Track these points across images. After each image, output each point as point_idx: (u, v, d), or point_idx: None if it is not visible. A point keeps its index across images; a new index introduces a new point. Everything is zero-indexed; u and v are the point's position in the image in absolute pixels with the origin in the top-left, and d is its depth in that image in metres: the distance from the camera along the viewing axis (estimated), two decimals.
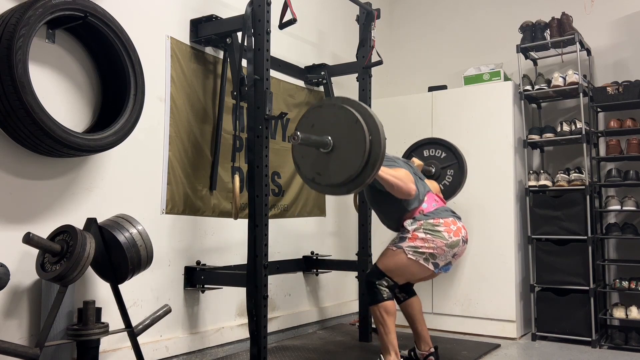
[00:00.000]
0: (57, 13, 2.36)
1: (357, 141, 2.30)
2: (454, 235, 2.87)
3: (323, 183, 2.44)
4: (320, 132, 2.41)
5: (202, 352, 3.22)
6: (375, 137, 2.30)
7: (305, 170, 2.48)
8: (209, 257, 3.32)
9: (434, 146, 3.74)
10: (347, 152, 2.34)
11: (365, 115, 2.33)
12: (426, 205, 2.94)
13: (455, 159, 3.66)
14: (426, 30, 5.24)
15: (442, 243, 2.84)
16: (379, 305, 2.87)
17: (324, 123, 2.41)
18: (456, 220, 2.95)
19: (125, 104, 2.65)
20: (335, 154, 2.37)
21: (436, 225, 2.86)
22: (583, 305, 3.80)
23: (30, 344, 2.37)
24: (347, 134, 2.34)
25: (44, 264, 2.26)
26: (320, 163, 2.41)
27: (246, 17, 2.90)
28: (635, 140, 3.92)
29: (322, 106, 2.45)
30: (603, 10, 4.37)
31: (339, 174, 2.38)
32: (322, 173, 2.41)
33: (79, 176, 2.65)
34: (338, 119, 2.37)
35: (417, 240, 2.84)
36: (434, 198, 3.02)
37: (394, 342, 2.89)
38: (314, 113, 2.47)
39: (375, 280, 2.91)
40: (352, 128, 2.32)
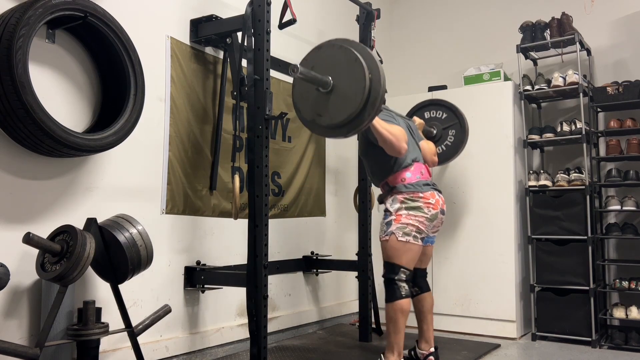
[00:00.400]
0: (57, 13, 2.36)
1: (357, 79, 2.30)
2: (433, 208, 2.92)
3: (323, 124, 2.44)
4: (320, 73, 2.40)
5: (202, 352, 3.22)
6: (375, 75, 2.30)
7: (305, 112, 2.47)
8: (209, 257, 3.32)
9: (435, 107, 3.75)
10: (347, 90, 2.33)
11: (364, 54, 2.33)
12: (410, 175, 2.95)
13: (456, 119, 3.68)
14: (426, 30, 5.24)
15: (424, 218, 2.90)
16: (395, 303, 2.86)
17: (323, 64, 2.41)
18: (435, 193, 2.97)
19: (125, 104, 2.65)
20: (335, 93, 2.36)
21: (415, 201, 2.89)
22: (583, 305, 3.80)
23: (30, 344, 2.37)
24: (346, 73, 2.33)
25: (44, 264, 2.26)
26: (320, 104, 2.40)
27: (246, 17, 2.90)
28: (635, 140, 3.92)
29: (322, 47, 2.45)
30: (603, 10, 4.37)
31: (339, 114, 2.37)
32: (322, 114, 2.41)
33: (79, 176, 2.65)
34: (337, 59, 2.36)
35: (402, 219, 2.88)
36: (420, 170, 3.01)
37: (401, 343, 2.88)
38: (313, 55, 2.46)
39: (394, 277, 2.89)
40: (352, 66, 2.31)
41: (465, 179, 4.19)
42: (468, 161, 4.18)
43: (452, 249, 4.19)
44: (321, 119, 2.42)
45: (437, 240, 4.18)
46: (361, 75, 2.30)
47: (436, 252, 4.21)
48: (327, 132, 2.55)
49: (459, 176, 4.23)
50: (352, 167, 4.30)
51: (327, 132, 2.55)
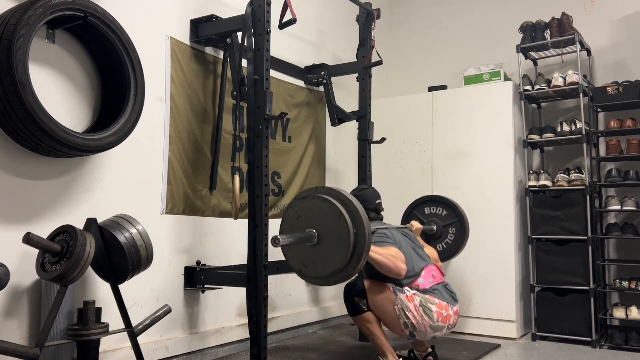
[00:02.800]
0: (57, 13, 2.36)
1: (341, 235, 2.25)
2: (442, 321, 2.87)
3: (310, 275, 2.40)
4: (306, 223, 2.35)
5: (202, 352, 3.22)
6: (360, 230, 2.25)
7: (292, 262, 2.44)
8: (209, 257, 3.32)
9: (434, 204, 3.72)
10: (332, 245, 2.29)
11: (349, 207, 2.27)
12: (422, 281, 2.93)
13: (456, 217, 3.64)
14: (426, 30, 5.24)
15: (428, 323, 2.84)
16: (360, 317, 2.92)
17: (308, 214, 2.35)
18: (449, 306, 2.92)
19: (125, 104, 2.65)
20: (320, 246, 2.32)
21: (431, 303, 2.86)
22: (583, 305, 3.80)
23: (30, 344, 2.37)
24: (331, 227, 2.29)
25: (44, 264, 2.26)
26: (306, 255, 2.36)
27: (246, 17, 2.90)
28: (635, 140, 3.92)
29: (307, 197, 2.39)
30: (603, 10, 4.37)
31: (324, 267, 2.33)
32: (309, 265, 2.36)
33: (79, 176, 2.65)
34: (322, 211, 2.31)
35: (412, 304, 2.84)
36: (431, 273, 2.99)
37: (386, 343, 2.92)
38: (298, 204, 2.40)
39: (355, 296, 2.92)
40: (336, 221, 2.27)
41: (465, 179, 4.20)
42: (468, 161, 4.19)
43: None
44: (307, 270, 2.39)
45: None
46: (345, 232, 2.25)
47: None
48: (315, 282, 2.53)
49: (459, 176, 4.23)
50: (352, 167, 4.29)
51: (315, 282, 2.53)
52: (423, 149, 4.42)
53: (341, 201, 2.30)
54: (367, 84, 3.90)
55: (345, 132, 4.42)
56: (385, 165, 4.55)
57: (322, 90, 4.25)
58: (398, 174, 4.51)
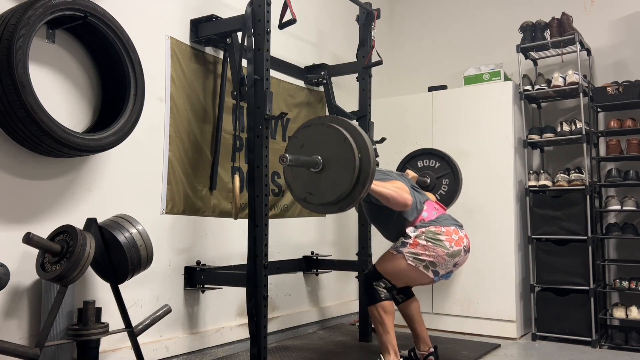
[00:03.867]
0: (57, 13, 2.36)
1: (346, 159, 2.29)
2: (455, 244, 2.85)
3: (315, 202, 2.43)
4: (310, 151, 2.39)
5: (202, 352, 3.22)
6: (365, 155, 2.28)
7: (297, 191, 2.47)
8: (209, 257, 3.32)
9: (427, 156, 3.73)
10: (337, 170, 2.32)
11: (353, 133, 2.31)
12: (426, 214, 2.93)
13: (449, 168, 3.64)
14: (426, 30, 5.24)
15: (443, 252, 2.82)
16: (377, 305, 2.88)
17: (313, 142, 2.40)
18: (458, 229, 2.92)
19: (125, 104, 2.65)
20: (325, 173, 2.35)
21: (438, 234, 2.84)
22: (583, 305, 3.80)
23: (30, 344, 2.37)
24: (336, 153, 2.33)
25: (44, 264, 2.26)
26: (311, 183, 2.39)
27: (246, 17, 2.90)
28: (635, 140, 3.92)
29: (311, 125, 2.43)
30: (603, 10, 4.37)
31: (330, 193, 2.37)
32: (314, 192, 2.40)
33: (79, 176, 2.65)
34: (327, 138, 2.36)
35: (418, 247, 2.83)
36: (433, 206, 3.00)
37: (393, 341, 2.90)
38: (302, 133, 2.45)
39: (372, 282, 2.92)
40: (341, 146, 2.31)
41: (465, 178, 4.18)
42: (468, 161, 4.18)
43: None
44: (312, 198, 2.42)
45: None
46: (350, 156, 2.28)
47: None
48: (320, 209, 2.54)
49: None
50: None
51: (320, 209, 2.54)
52: None
53: (346, 128, 2.33)
54: (367, 84, 3.90)
55: None
56: (386, 166, 4.53)
57: (322, 90, 4.25)
58: None
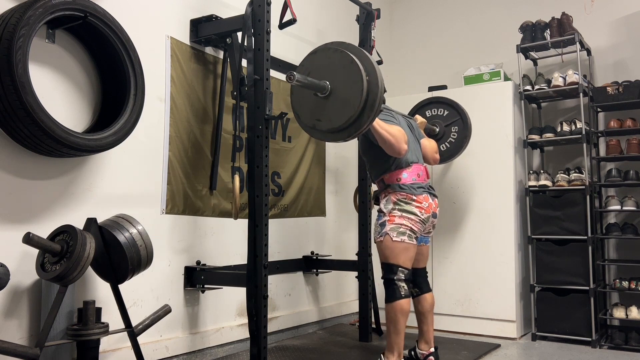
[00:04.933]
0: (57, 13, 2.36)
1: (354, 82, 2.27)
2: (425, 212, 2.93)
3: (323, 129, 2.42)
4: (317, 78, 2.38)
5: (202, 352, 3.22)
6: (372, 77, 2.27)
7: (305, 118, 2.45)
8: (209, 257, 3.32)
9: (436, 105, 3.75)
10: (345, 93, 2.30)
11: (360, 56, 2.31)
12: (406, 175, 2.95)
13: (458, 115, 3.66)
14: (426, 30, 5.24)
15: (417, 219, 2.90)
16: (395, 303, 2.86)
17: (319, 69, 2.38)
18: (428, 196, 2.97)
19: (125, 104, 2.65)
20: (333, 97, 2.34)
21: (408, 203, 2.90)
22: (583, 305, 3.80)
23: (30, 344, 2.37)
24: (343, 76, 2.31)
25: (44, 264, 2.26)
26: (319, 109, 2.38)
27: (246, 17, 2.90)
28: (635, 140, 3.92)
29: (317, 52, 2.42)
30: (603, 10, 4.37)
31: (338, 117, 2.35)
32: (322, 118, 2.39)
33: (79, 176, 2.65)
34: (334, 62, 2.33)
35: (396, 219, 2.89)
36: (417, 172, 3.00)
37: (401, 343, 2.88)
38: (308, 60, 2.43)
39: (393, 277, 2.88)
40: (348, 69, 2.29)
41: (465, 179, 4.19)
42: (468, 161, 4.18)
43: (452, 249, 4.19)
44: (321, 124, 2.41)
45: (437, 240, 4.19)
46: (358, 78, 2.28)
47: (436, 252, 4.21)
48: (327, 137, 2.54)
49: (459, 176, 4.23)
50: (352, 167, 4.30)
51: (327, 137, 2.54)
52: None
53: (352, 51, 2.33)
54: None
55: None
56: None
57: None
58: None
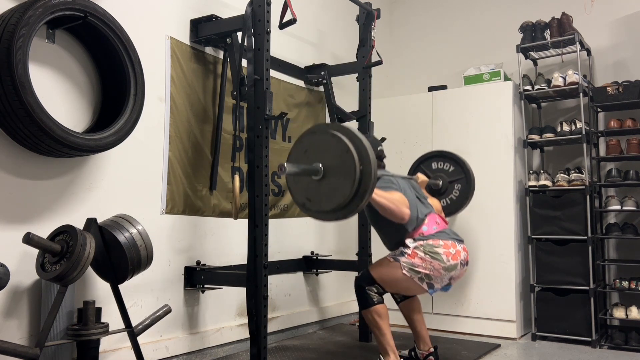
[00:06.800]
0: (57, 13, 2.36)
1: (347, 172, 2.27)
2: (452, 258, 2.85)
3: (313, 209, 2.42)
4: (313, 158, 2.37)
5: (202, 352, 3.22)
6: (367, 168, 2.26)
7: (296, 195, 2.45)
8: (209, 257, 3.32)
9: (442, 159, 3.70)
10: (338, 180, 2.31)
11: (357, 144, 2.29)
12: (426, 228, 2.92)
13: (463, 173, 3.63)
14: (426, 30, 5.24)
15: (440, 266, 2.82)
16: (370, 309, 2.89)
17: (317, 149, 2.37)
18: (456, 243, 2.91)
19: (125, 104, 2.65)
20: (326, 181, 2.33)
21: (435, 247, 2.84)
22: (583, 305, 3.80)
23: (30, 344, 2.37)
24: (338, 162, 2.30)
25: (44, 264, 2.26)
26: (311, 189, 2.37)
27: (246, 17, 2.90)
28: (635, 140, 3.92)
29: (316, 132, 2.41)
30: (603, 10, 4.37)
31: (327, 202, 2.35)
32: (312, 199, 2.38)
33: (79, 176, 2.65)
34: (330, 147, 2.33)
35: (416, 259, 2.83)
36: (435, 220, 2.99)
37: (391, 342, 2.90)
38: (307, 139, 2.42)
39: (365, 286, 2.92)
40: (343, 157, 2.28)
41: None
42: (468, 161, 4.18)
43: None
44: (311, 204, 2.40)
45: None
46: (352, 168, 2.26)
47: None
48: (317, 216, 2.54)
49: None
50: None
51: (317, 216, 2.54)
52: (423, 149, 4.41)
53: (350, 139, 2.32)
54: (367, 84, 3.90)
55: None
56: (388, 166, 4.54)
57: (322, 90, 4.25)
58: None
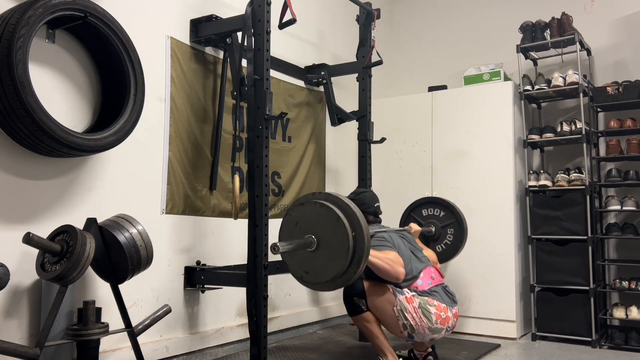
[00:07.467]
0: (57, 13, 2.36)
1: (340, 240, 2.26)
2: (441, 323, 2.87)
3: (311, 281, 2.41)
4: (305, 229, 2.35)
5: (202, 352, 3.22)
6: (359, 233, 2.26)
7: (293, 269, 2.44)
8: (209, 257, 3.32)
9: (432, 205, 3.72)
10: (332, 250, 2.30)
11: (347, 211, 2.28)
12: (421, 283, 2.93)
13: (453, 217, 3.64)
14: (426, 30, 5.24)
15: (427, 325, 2.85)
16: (360, 316, 2.93)
17: (307, 220, 2.36)
18: (448, 309, 2.92)
19: (125, 104, 2.65)
20: (320, 252, 2.32)
21: (430, 305, 2.87)
22: (583, 305, 3.80)
23: (30, 344, 2.37)
24: (330, 232, 2.29)
25: (44, 264, 2.26)
26: (306, 261, 2.36)
27: (246, 17, 2.90)
28: (635, 140, 3.92)
29: (304, 204, 2.39)
30: (603, 10, 4.37)
31: (325, 272, 2.34)
32: (310, 271, 2.37)
33: (79, 176, 2.65)
34: (320, 217, 2.32)
35: (411, 306, 2.85)
36: (430, 275, 2.99)
37: (386, 343, 2.93)
38: (296, 211, 2.40)
39: (354, 297, 2.95)
40: (334, 226, 2.27)
41: (465, 178, 4.20)
42: (468, 161, 4.19)
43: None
44: (309, 277, 2.39)
45: None
46: (344, 236, 2.25)
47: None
48: (316, 287, 2.52)
49: (458, 176, 4.23)
50: (352, 167, 4.29)
51: (316, 287, 2.52)
52: (423, 149, 4.42)
53: (339, 206, 2.30)
54: (367, 84, 3.90)
55: (345, 132, 4.42)
56: (385, 165, 4.55)
57: (322, 90, 4.25)
58: (398, 174, 4.51)
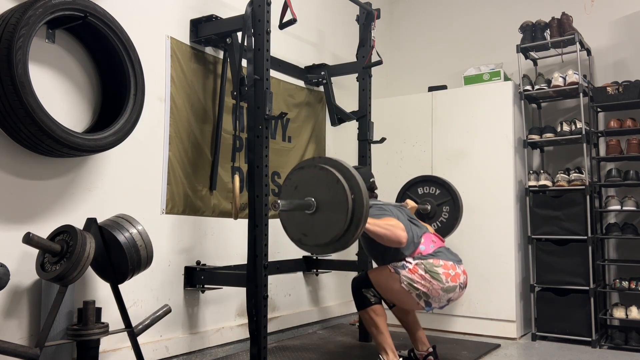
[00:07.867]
0: (57, 13, 2.36)
1: (339, 202, 2.28)
2: (452, 280, 2.83)
3: (309, 243, 2.43)
4: (304, 193, 2.37)
5: (202, 352, 3.22)
6: (358, 196, 2.27)
7: (291, 231, 2.46)
8: (209, 257, 3.32)
9: (427, 184, 3.73)
10: (331, 212, 2.31)
11: (346, 174, 2.30)
12: (424, 247, 2.90)
13: (449, 195, 3.64)
14: (426, 30, 5.24)
15: (439, 286, 2.80)
16: (368, 309, 2.91)
17: (306, 184, 2.38)
18: (456, 265, 2.89)
19: (125, 104, 2.65)
20: (319, 214, 2.34)
21: (436, 266, 2.82)
22: (583, 305, 3.80)
23: (30, 344, 2.37)
24: (329, 194, 2.31)
25: (44, 264, 2.26)
26: (305, 224, 2.38)
27: (246, 17, 2.90)
28: (635, 140, 3.92)
29: (304, 167, 2.42)
30: (603, 10, 4.37)
31: (324, 235, 2.36)
32: (308, 234, 2.39)
33: (79, 176, 2.65)
34: (320, 180, 2.34)
35: (416, 275, 2.81)
36: (431, 239, 2.97)
37: (389, 341, 2.91)
38: (296, 175, 2.43)
39: (362, 288, 2.94)
40: (334, 188, 2.29)
41: (465, 179, 4.19)
42: (468, 161, 4.19)
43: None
44: (307, 239, 2.41)
45: None
46: (343, 198, 2.27)
47: None
48: (314, 250, 2.54)
49: (459, 176, 4.22)
50: None
51: (314, 250, 2.54)
52: (423, 149, 4.42)
53: (339, 169, 2.33)
54: (367, 84, 3.90)
55: (345, 132, 4.42)
56: (385, 165, 4.55)
57: (322, 90, 4.25)
58: (398, 174, 4.50)
